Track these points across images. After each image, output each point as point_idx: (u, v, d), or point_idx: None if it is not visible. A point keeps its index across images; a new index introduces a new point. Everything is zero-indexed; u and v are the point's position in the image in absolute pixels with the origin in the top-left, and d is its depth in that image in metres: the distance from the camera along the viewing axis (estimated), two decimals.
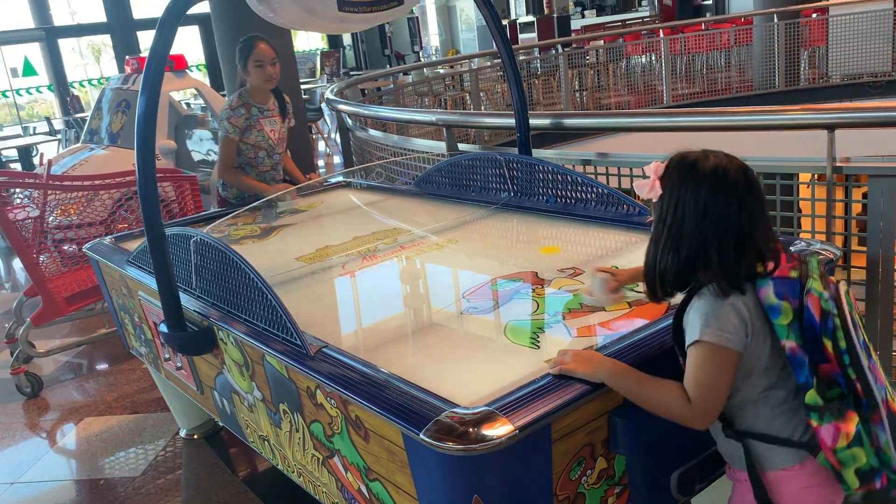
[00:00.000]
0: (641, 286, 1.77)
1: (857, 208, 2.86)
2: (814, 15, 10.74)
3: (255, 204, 3.43)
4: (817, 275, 1.46)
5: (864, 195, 2.71)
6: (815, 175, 2.84)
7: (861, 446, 1.42)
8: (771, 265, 1.46)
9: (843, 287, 1.47)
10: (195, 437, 3.41)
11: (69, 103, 13.78)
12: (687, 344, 1.48)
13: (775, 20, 10.01)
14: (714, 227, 1.44)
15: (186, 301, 2.31)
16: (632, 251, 2.39)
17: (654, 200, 1.53)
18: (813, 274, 1.46)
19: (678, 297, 1.56)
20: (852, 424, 1.42)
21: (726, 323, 1.43)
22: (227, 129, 3.57)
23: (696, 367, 1.45)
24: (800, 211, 2.89)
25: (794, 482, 1.52)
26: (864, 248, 2.71)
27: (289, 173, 3.95)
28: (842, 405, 1.42)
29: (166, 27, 2.05)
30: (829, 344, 1.41)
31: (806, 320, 1.42)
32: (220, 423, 2.90)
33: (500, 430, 1.36)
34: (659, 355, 1.61)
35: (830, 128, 2.67)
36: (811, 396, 1.43)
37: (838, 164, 2.69)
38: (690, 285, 1.50)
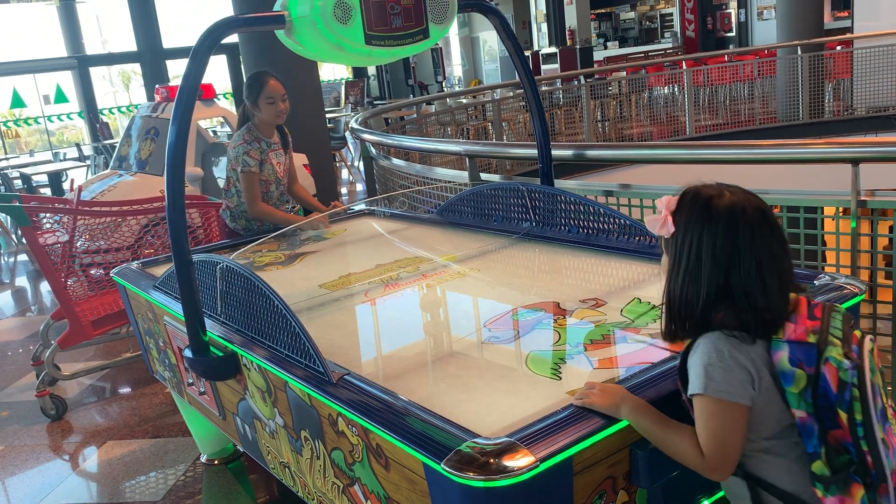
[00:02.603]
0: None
1: (882, 242, 2.84)
2: (838, 48, 10.73)
3: (271, 235, 3.44)
4: (839, 337, 1.41)
5: (891, 228, 2.70)
6: (840, 208, 2.83)
7: None
8: (790, 326, 1.41)
9: (867, 345, 1.42)
10: (216, 462, 3.42)
11: (99, 130, 14.05)
12: (689, 392, 1.45)
13: (799, 52, 10.01)
14: (729, 270, 1.40)
15: (211, 327, 2.34)
16: (653, 283, 2.39)
17: (665, 237, 1.50)
18: (833, 338, 1.40)
19: None
20: (857, 498, 1.38)
21: (731, 377, 1.39)
22: (248, 164, 3.58)
23: (705, 421, 1.42)
24: (824, 244, 2.87)
25: None
26: (891, 283, 2.68)
27: (307, 203, 3.97)
28: (848, 477, 1.38)
29: (199, 57, 2.10)
30: (844, 415, 1.37)
31: (821, 388, 1.38)
32: (241, 449, 2.91)
33: (521, 461, 1.36)
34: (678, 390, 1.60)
35: (855, 161, 2.66)
36: (818, 467, 1.40)
37: (863, 198, 2.67)
38: (712, 327, 1.45)
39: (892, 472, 1.38)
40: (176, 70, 18.48)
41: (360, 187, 10.67)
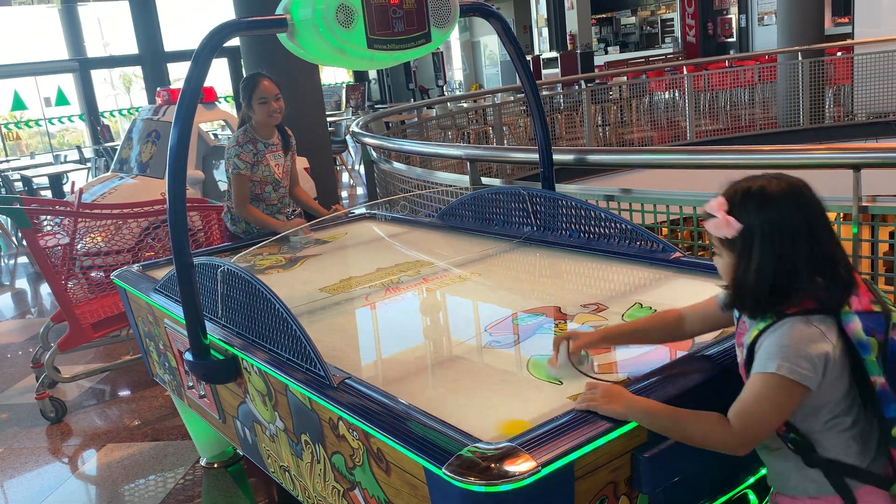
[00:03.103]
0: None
1: (883, 248, 2.84)
2: (839, 53, 10.73)
3: (272, 238, 3.45)
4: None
5: (891, 234, 2.70)
6: (841, 214, 2.83)
7: None
8: (854, 299, 1.45)
9: None
10: (215, 465, 3.42)
11: (100, 132, 14.06)
12: (755, 370, 1.46)
13: (800, 58, 10.02)
14: (813, 239, 1.44)
15: (212, 330, 2.33)
16: (654, 287, 2.39)
17: (729, 237, 1.49)
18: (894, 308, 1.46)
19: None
20: None
21: (805, 361, 1.41)
22: (238, 166, 3.59)
23: (756, 397, 1.44)
24: None
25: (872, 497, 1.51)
26: (892, 288, 2.68)
27: (308, 206, 3.96)
28: None
29: (201, 60, 2.10)
30: None
31: (890, 354, 1.43)
32: (241, 453, 2.91)
33: (522, 466, 1.36)
34: (685, 391, 1.60)
35: (856, 167, 2.66)
36: None
37: (864, 204, 2.68)
38: (783, 306, 1.47)
39: None
40: (177, 73, 18.52)
41: (360, 191, 10.67)
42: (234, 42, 6.91)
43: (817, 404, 1.47)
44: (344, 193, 10.58)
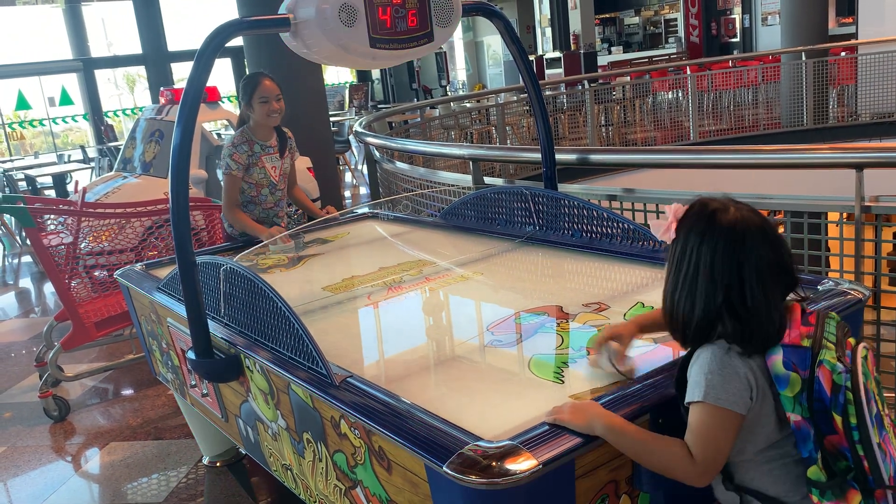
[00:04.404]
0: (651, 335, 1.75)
1: (887, 248, 2.83)
2: (842, 53, 10.71)
3: (260, 244, 3.38)
4: (833, 342, 1.42)
5: (894, 234, 2.69)
6: (844, 214, 2.82)
7: None
8: (785, 333, 1.42)
9: (861, 352, 1.42)
10: (218, 464, 3.42)
11: (103, 132, 14.10)
12: (687, 400, 1.45)
13: (803, 58, 10.00)
14: (727, 287, 1.41)
15: (214, 329, 2.34)
16: (656, 287, 2.37)
17: (667, 243, 1.52)
18: (827, 343, 1.41)
19: None
20: (854, 503, 1.38)
21: (730, 386, 1.40)
22: (229, 166, 3.55)
23: (700, 427, 1.42)
24: (828, 250, 2.87)
25: None
26: (895, 288, 2.68)
27: (304, 207, 3.95)
28: (845, 482, 1.39)
29: (204, 59, 2.10)
30: (839, 419, 1.37)
31: (816, 392, 1.38)
32: (244, 451, 2.91)
33: (523, 464, 1.36)
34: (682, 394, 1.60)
35: (859, 167, 2.66)
36: (814, 472, 1.40)
37: (867, 204, 2.67)
38: (711, 339, 1.46)
39: (889, 478, 1.38)
40: (180, 73, 18.55)
41: (363, 190, 10.68)
42: (238, 42, 6.93)
43: (751, 428, 1.44)
44: (347, 193, 10.59)
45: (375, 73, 22.49)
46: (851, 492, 1.39)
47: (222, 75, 18.99)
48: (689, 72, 10.73)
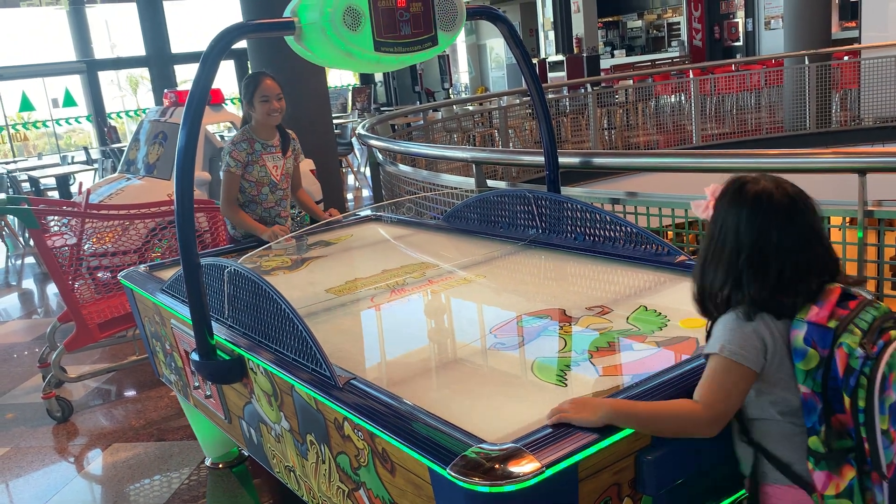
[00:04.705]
0: None
1: (889, 252, 2.84)
2: (845, 58, 10.71)
3: (264, 246, 3.39)
4: (863, 329, 1.45)
5: None
6: (847, 218, 2.83)
7: (850, 499, 1.45)
8: (815, 309, 1.48)
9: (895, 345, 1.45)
10: (220, 466, 3.43)
11: (106, 134, 14.14)
12: (705, 352, 1.53)
13: (806, 62, 10.00)
14: (749, 251, 1.48)
15: (218, 330, 2.34)
16: (659, 291, 2.39)
17: (707, 220, 1.59)
18: (855, 328, 1.45)
19: None
20: (846, 478, 1.45)
21: (745, 342, 1.48)
22: (228, 164, 3.55)
23: (712, 376, 1.51)
24: None
25: (786, 497, 1.55)
26: None
27: (307, 209, 3.95)
28: (842, 458, 1.46)
29: (209, 62, 2.11)
30: (847, 400, 1.44)
31: (832, 370, 1.45)
32: (247, 453, 2.92)
33: (526, 467, 1.36)
34: (687, 396, 1.61)
35: (862, 171, 2.66)
36: (814, 442, 1.48)
37: (870, 208, 2.68)
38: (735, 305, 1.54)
39: (888, 465, 1.44)
40: (184, 75, 18.57)
41: (366, 193, 10.69)
42: (242, 44, 6.94)
43: (764, 388, 1.52)
44: (349, 196, 10.60)
45: (378, 76, 22.52)
46: (846, 467, 1.46)
47: (226, 77, 19.01)
48: (691, 75, 10.72)
